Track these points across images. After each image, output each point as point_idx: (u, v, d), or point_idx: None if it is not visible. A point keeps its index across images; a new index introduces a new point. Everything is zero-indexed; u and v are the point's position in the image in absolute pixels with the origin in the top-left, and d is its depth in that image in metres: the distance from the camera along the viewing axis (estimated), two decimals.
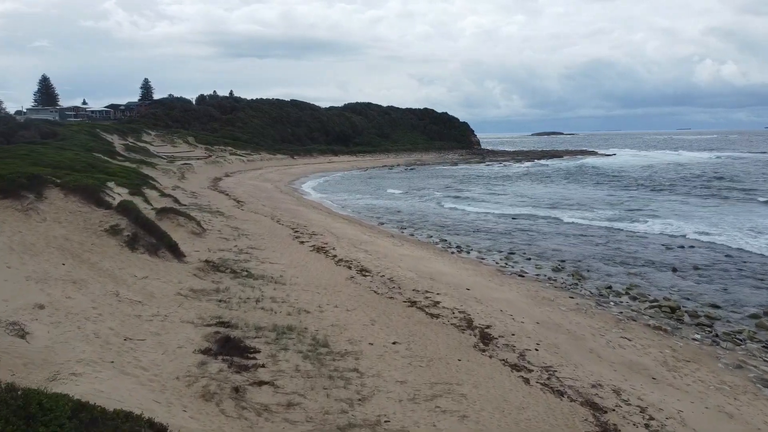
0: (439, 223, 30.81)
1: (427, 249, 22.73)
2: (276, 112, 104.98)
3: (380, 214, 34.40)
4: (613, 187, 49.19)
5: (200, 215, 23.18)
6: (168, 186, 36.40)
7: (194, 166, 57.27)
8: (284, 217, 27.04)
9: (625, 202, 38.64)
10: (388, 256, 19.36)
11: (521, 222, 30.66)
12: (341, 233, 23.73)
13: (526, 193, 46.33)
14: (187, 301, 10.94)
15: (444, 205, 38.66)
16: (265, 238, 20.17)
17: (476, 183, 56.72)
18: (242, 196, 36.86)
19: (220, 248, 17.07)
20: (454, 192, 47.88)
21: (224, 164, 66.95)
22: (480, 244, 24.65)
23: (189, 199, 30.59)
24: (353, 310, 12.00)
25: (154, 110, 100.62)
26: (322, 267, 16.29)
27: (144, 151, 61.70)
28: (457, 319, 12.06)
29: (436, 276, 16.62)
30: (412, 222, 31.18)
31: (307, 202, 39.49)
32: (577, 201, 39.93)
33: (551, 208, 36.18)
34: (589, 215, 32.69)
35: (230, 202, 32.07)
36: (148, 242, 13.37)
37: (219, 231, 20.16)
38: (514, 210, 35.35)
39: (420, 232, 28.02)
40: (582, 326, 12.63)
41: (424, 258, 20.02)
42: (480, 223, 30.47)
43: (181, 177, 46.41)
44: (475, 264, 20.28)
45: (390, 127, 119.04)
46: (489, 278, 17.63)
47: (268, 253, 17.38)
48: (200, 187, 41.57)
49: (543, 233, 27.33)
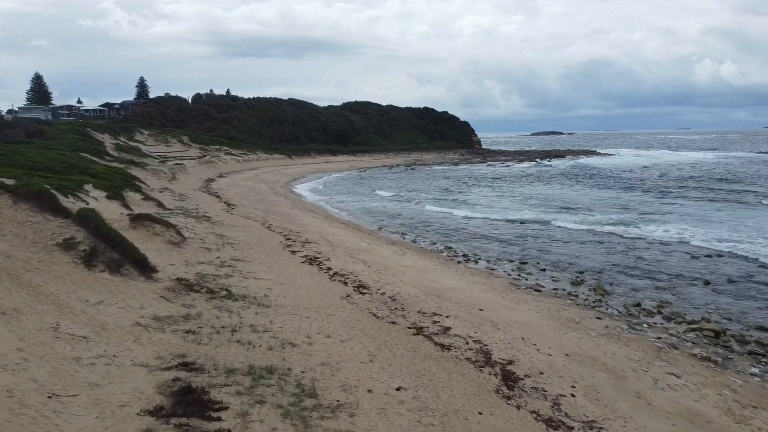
0: (443, 228, 28.87)
1: (431, 258, 20.79)
2: (273, 111, 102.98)
3: (380, 218, 32.46)
4: (622, 189, 47.24)
5: (184, 221, 21.25)
6: (156, 188, 34.49)
7: (187, 166, 55.35)
8: (276, 223, 25.10)
9: (637, 205, 36.72)
10: (388, 267, 17.42)
11: (530, 227, 28.73)
12: (337, 240, 21.80)
13: (533, 194, 44.40)
14: (147, 334, 9.00)
15: (447, 208, 36.73)
16: (252, 247, 18.22)
17: (480, 184, 54.79)
18: (234, 199, 34.91)
19: (199, 260, 15.13)
20: (457, 194, 45.94)
21: (219, 164, 64.98)
22: (488, 252, 22.72)
23: (175, 202, 28.65)
24: (349, 340, 10.07)
25: (149, 109, 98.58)
26: (315, 283, 14.34)
27: (135, 151, 59.86)
28: (473, 352, 10.13)
29: (444, 293, 14.69)
30: (413, 227, 29.24)
31: (303, 204, 37.55)
32: (587, 203, 38.01)
33: (560, 212, 34.25)
34: (601, 219, 30.77)
35: (220, 206, 30.13)
36: (109, 258, 11.42)
37: (202, 239, 18.21)
38: (522, 213, 33.42)
39: (423, 238, 26.09)
40: (619, 358, 10.69)
41: (428, 270, 18.08)
42: (486, 229, 28.53)
43: (171, 178, 44.49)
44: (485, 276, 18.35)
45: (389, 127, 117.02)
46: (502, 294, 15.70)
47: (254, 266, 15.43)
48: (191, 188, 39.62)
49: (555, 239, 25.40)
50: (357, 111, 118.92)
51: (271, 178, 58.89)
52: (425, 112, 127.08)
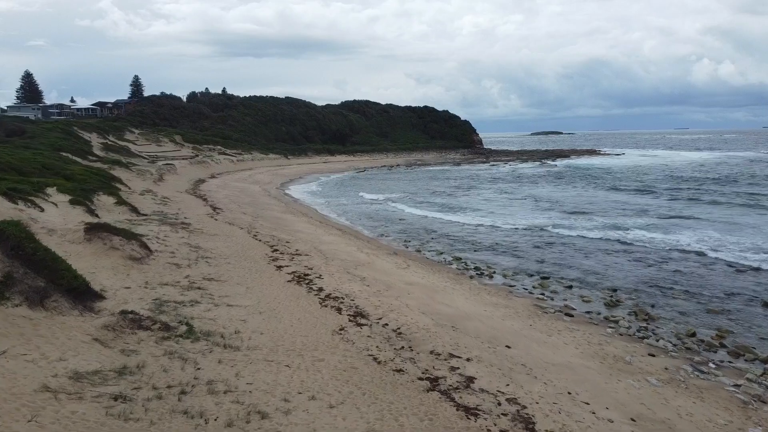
0: (449, 235, 26.23)
1: (439, 273, 18.15)
2: (270, 110, 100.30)
3: (380, 223, 29.83)
4: (637, 191, 44.50)
5: (156, 229, 18.60)
6: (137, 190, 31.84)
7: (177, 166, 52.73)
8: (264, 230, 22.45)
9: (657, 209, 34.08)
10: (391, 286, 14.78)
11: (545, 234, 26.10)
12: (332, 252, 19.15)
13: (542, 197, 41.76)
14: (54, 406, 6.35)
15: (452, 213, 34.10)
16: (231, 262, 15.57)
17: (484, 186, 52.15)
18: (222, 202, 32.26)
19: (163, 281, 12.48)
20: (461, 197, 43.30)
21: (211, 164, 62.31)
22: (503, 264, 20.08)
23: (155, 206, 25.99)
24: (340, 404, 7.42)
25: (142, 108, 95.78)
26: (302, 310, 11.70)
27: (124, 151, 57.35)
28: (509, 419, 7.49)
29: (460, 321, 12.05)
30: (417, 234, 26.61)
31: (297, 208, 34.89)
32: (602, 207, 35.35)
33: (575, 216, 31.61)
34: (621, 224, 28.16)
35: (205, 210, 27.47)
36: (30, 286, 8.77)
37: (173, 252, 15.56)
38: (533, 219, 30.78)
39: (428, 246, 23.46)
40: (701, 423, 8.06)
41: (438, 288, 15.45)
42: (497, 236, 25.90)
43: (158, 179, 41.83)
44: (504, 295, 15.71)
45: (389, 126, 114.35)
46: (529, 321, 13.06)
47: (229, 287, 12.79)
48: (177, 190, 36.96)
49: (576, 248, 22.78)
50: (356, 110, 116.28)
51: (266, 179, 56.22)
52: (425, 111, 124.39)
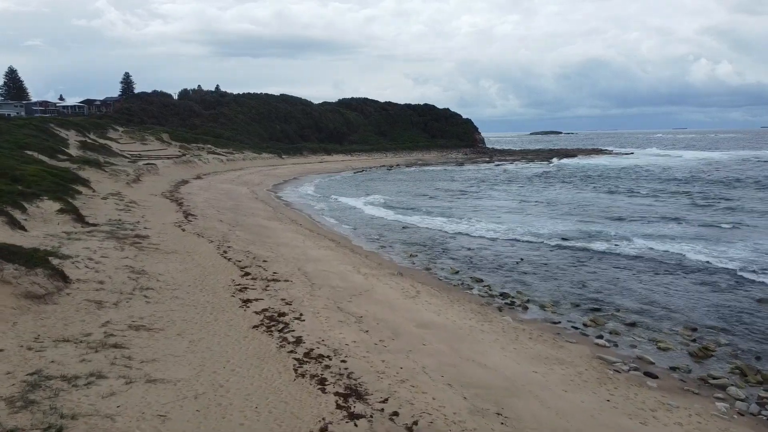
0: (462, 248, 22.12)
1: (459, 303, 14.04)
2: (264, 108, 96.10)
3: (380, 232, 25.73)
4: (666, 194, 40.08)
5: (96, 246, 14.47)
6: (102, 193, 27.70)
7: (160, 166, 48.58)
8: (239, 243, 18.33)
9: (696, 216, 29.99)
10: (399, 332, 10.68)
11: (575, 246, 22.01)
12: (322, 274, 15.04)
13: (559, 200, 37.67)
14: None
15: (463, 220, 30.00)
16: (181, 295, 11.45)
17: (493, 188, 48.02)
18: (199, 206, 28.13)
19: (64, 335, 8.38)
20: (470, 200, 39.19)
21: (198, 164, 58.11)
22: (536, 289, 16.00)
23: (114, 214, 21.83)
24: None
25: (129, 105, 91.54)
26: (264, 387, 7.58)
27: (103, 150, 53.21)
28: None
29: (505, 398, 7.96)
30: (424, 245, 22.51)
31: (286, 213, 30.74)
32: (630, 212, 31.20)
33: (604, 224, 27.52)
34: (661, 233, 24.09)
35: (175, 217, 23.34)
36: None
37: (102, 282, 11.43)
38: (556, 227, 26.69)
39: (439, 263, 19.36)
40: None
41: (462, 331, 11.34)
42: (520, 249, 21.79)
43: (134, 180, 37.66)
44: (551, 339, 11.60)
45: (388, 125, 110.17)
46: (601, 388, 8.98)
47: (163, 342, 8.67)
48: (152, 193, 32.82)
49: (616, 266, 18.71)
50: (353, 108, 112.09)
51: (256, 179, 52.08)
52: (425, 109, 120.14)
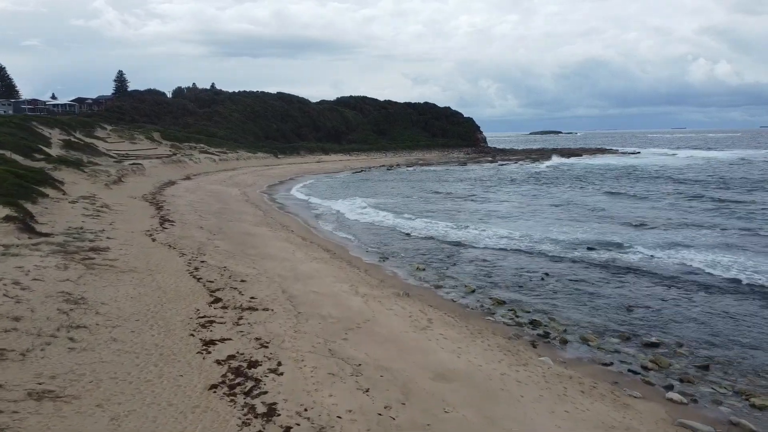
0: (476, 258, 19.32)
1: (481, 336, 11.25)
2: (259, 106, 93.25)
3: (382, 239, 22.96)
4: (688, 197, 36.81)
5: (32, 265, 11.68)
6: (74, 195, 24.91)
7: (147, 167, 45.83)
8: (217, 256, 15.54)
9: (733, 221, 27.17)
10: (410, 387, 7.89)
11: (603, 258, 19.19)
12: (311, 297, 12.26)
13: (573, 202, 34.86)
14: None
15: (472, 222, 27.20)
16: (119, 338, 8.65)
17: (501, 189, 45.20)
18: (180, 211, 25.34)
19: None
20: (479, 202, 36.39)
21: (189, 164, 55.30)
22: (570, 314, 13.23)
23: (78, 220, 19.02)
24: None
25: (120, 103, 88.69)
26: None
27: (89, 149, 50.52)
28: None
29: None
30: (431, 256, 19.72)
31: (277, 217, 27.92)
32: (656, 217, 28.28)
33: (629, 231, 24.71)
34: (704, 243, 21.31)
35: (149, 223, 20.55)
36: None
37: (17, 318, 8.66)
38: (577, 233, 23.90)
39: (450, 278, 16.58)
40: None
41: (494, 385, 8.55)
42: (541, 261, 18.99)
43: (115, 181, 34.84)
44: (610, 396, 8.81)
45: (387, 123, 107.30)
46: None
47: (64, 425, 5.87)
48: (131, 195, 30.04)
49: (660, 283, 15.94)
50: (352, 106, 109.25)
51: (249, 180, 49.27)
52: (426, 107, 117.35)
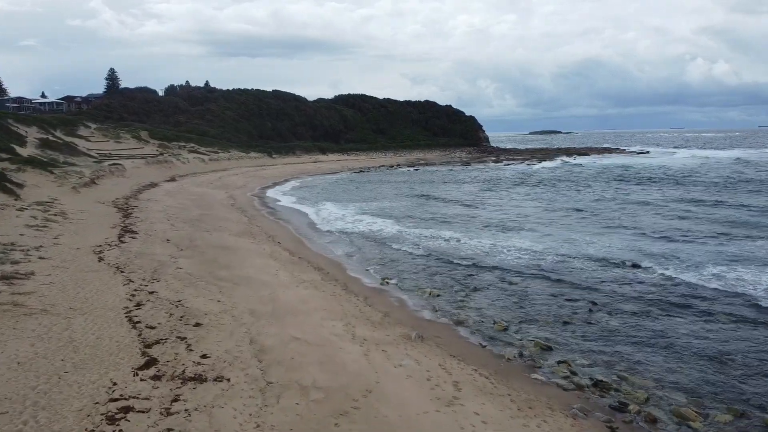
0: (500, 279, 15.86)
1: (533, 410, 7.81)
2: (254, 104, 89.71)
3: (385, 253, 19.53)
4: (721, 204, 32.65)
5: None
6: (28, 200, 21.51)
7: (128, 167, 42.43)
8: (176, 282, 12.10)
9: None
10: None
11: (655, 276, 15.79)
12: (291, 350, 8.83)
13: (594, 208, 31.42)
14: None
15: (489, 231, 23.76)
16: None
17: (512, 191, 41.71)
18: (151, 218, 21.90)
19: None
20: (490, 208, 32.96)
21: (176, 165, 51.82)
22: (646, 369, 9.81)
23: (15, 232, 15.63)
24: None
25: (109, 101, 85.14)
26: None
27: (67, 148, 47.15)
28: None
29: None
30: (447, 275, 16.28)
31: (264, 225, 24.46)
32: (707, 229, 24.41)
33: (676, 244, 21.29)
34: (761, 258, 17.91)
35: (104, 236, 17.12)
36: None
37: None
38: (613, 244, 20.48)
39: (472, 310, 13.15)
40: None
41: None
42: (579, 281, 15.54)
43: (87, 184, 31.43)
44: None
45: (387, 122, 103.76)
46: None
47: None
48: (100, 200, 26.62)
49: (751, 321, 12.52)
50: (351, 105, 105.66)
51: (239, 182, 45.78)
52: (426, 105, 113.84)
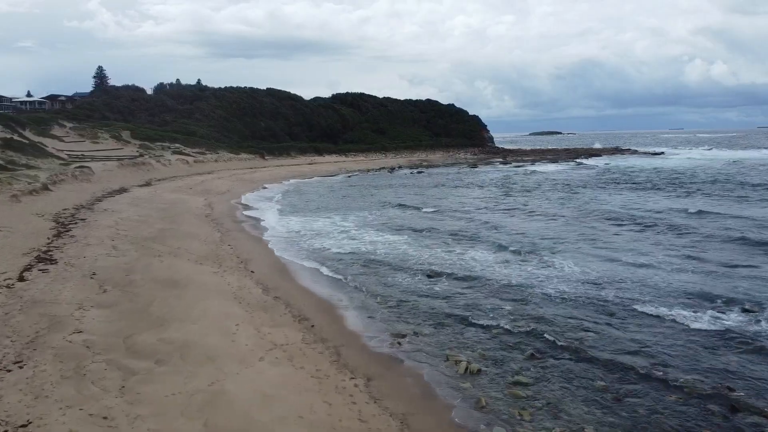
0: (560, 335, 11.03)
1: None
2: (246, 102, 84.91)
3: (392, 285, 14.69)
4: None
5: None
6: None
7: (98, 170, 37.68)
8: (55, 365, 7.29)
9: None
10: None
11: (730, 326, 11.03)
12: None
13: (645, 218, 26.63)
14: None
15: (519, 248, 18.90)
16: None
17: (530, 197, 36.88)
18: (90, 239, 17.05)
19: None
20: (518, 217, 28.14)
21: (155, 167, 46.99)
22: None
23: None
24: None
25: (92, 100, 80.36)
26: None
27: (32, 149, 42.62)
28: None
29: None
30: (479, 326, 11.47)
31: (240, 244, 19.55)
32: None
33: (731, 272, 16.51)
34: None
35: (3, 267, 12.27)
36: None
37: None
38: (700, 279, 15.71)
39: (547, 416, 8.33)
40: None
41: None
42: (674, 339, 10.76)
43: (36, 190, 26.65)
44: None
45: (387, 122, 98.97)
46: None
47: None
48: (41, 212, 21.82)
49: None
50: (349, 104, 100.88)
51: (223, 186, 40.91)
52: (428, 105, 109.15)
